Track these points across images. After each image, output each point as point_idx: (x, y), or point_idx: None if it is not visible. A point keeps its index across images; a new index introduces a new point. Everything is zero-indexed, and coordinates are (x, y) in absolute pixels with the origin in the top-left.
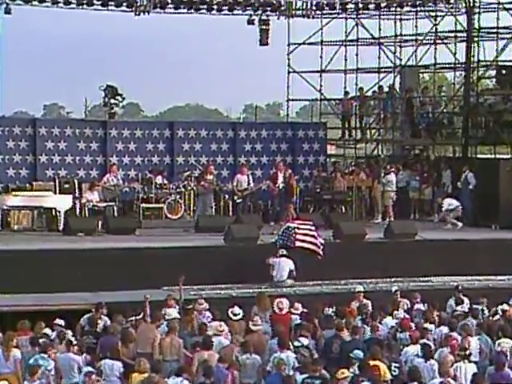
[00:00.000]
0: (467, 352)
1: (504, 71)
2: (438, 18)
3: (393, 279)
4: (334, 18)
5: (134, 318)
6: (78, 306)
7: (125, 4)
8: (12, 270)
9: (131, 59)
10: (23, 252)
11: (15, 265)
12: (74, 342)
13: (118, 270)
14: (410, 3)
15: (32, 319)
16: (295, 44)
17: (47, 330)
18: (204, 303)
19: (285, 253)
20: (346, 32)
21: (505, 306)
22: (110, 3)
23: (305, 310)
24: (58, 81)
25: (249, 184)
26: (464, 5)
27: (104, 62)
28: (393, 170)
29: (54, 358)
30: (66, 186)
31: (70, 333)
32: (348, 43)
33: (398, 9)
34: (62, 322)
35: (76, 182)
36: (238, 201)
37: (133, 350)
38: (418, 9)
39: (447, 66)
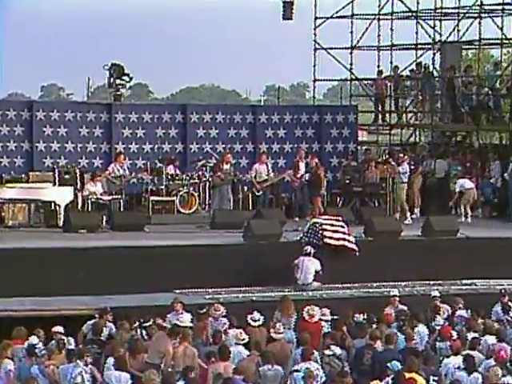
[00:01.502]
0: None
1: None
2: None
3: (432, 282)
4: None
5: (150, 322)
6: (80, 311)
7: None
8: (6, 271)
9: (139, 36)
10: (18, 251)
11: (10, 265)
12: (76, 352)
13: (124, 271)
14: None
15: (29, 326)
16: (322, 18)
17: (33, 338)
18: (221, 309)
19: (310, 251)
20: (379, 4)
21: None
22: None
23: (334, 317)
24: (58, 59)
25: (268, 174)
26: None
27: (109, 39)
28: (406, 159)
29: (52, 370)
30: (67, 176)
31: (72, 341)
32: (382, 17)
33: None
34: (61, 329)
35: (77, 172)
36: (258, 194)
37: (142, 360)
38: None
39: (493, 41)
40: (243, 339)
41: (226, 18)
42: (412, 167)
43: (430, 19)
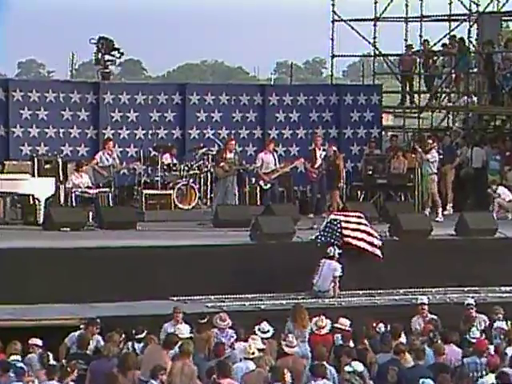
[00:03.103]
0: None
1: None
2: None
3: (466, 289)
4: None
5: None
6: (63, 321)
7: None
8: None
9: (130, 5)
10: None
11: None
12: (58, 368)
13: (113, 275)
14: None
15: (4, 338)
16: None
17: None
18: (227, 319)
19: (334, 254)
20: None
21: None
22: None
23: (348, 329)
24: (37, 32)
25: (275, 164)
26: None
27: (96, 8)
28: (434, 145)
29: None
30: (47, 166)
31: (51, 356)
32: None
33: None
34: (39, 342)
35: (60, 161)
36: (266, 186)
37: (134, 378)
38: None
39: None
40: (253, 353)
41: None
42: (441, 156)
43: None
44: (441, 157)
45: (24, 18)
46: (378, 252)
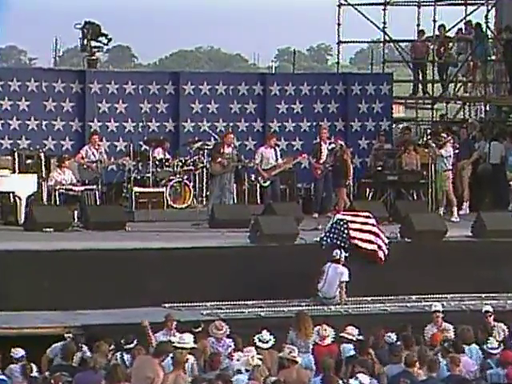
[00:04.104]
0: None
1: None
2: None
3: (484, 295)
4: None
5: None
6: (47, 329)
7: None
8: None
9: None
10: None
11: None
12: (41, 381)
13: (100, 280)
14: None
15: None
16: None
17: None
18: (224, 327)
19: (340, 257)
20: None
21: None
22: None
23: (360, 338)
24: (18, 16)
25: (277, 160)
26: None
27: None
28: (449, 139)
29: None
30: (29, 161)
31: (34, 368)
32: None
33: None
34: (21, 353)
35: (42, 156)
36: (265, 184)
37: None
38: None
39: None
40: (257, 365)
41: None
42: (456, 151)
43: None
44: (456, 152)
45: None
46: (382, 255)
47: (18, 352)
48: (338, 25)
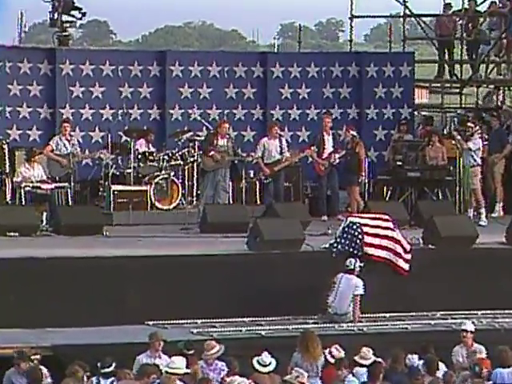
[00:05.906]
0: None
1: None
2: None
3: None
4: None
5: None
6: (11, 349)
7: None
8: None
9: None
10: None
11: None
12: None
13: (74, 293)
14: None
15: None
16: None
17: None
18: (216, 347)
19: (354, 267)
20: None
21: None
22: None
23: (378, 360)
24: None
25: (282, 153)
26: None
27: None
28: (477, 130)
29: None
30: None
31: None
32: None
33: None
34: None
35: (6, 148)
36: (267, 181)
37: None
38: None
39: None
40: None
41: None
42: (487, 143)
43: None
44: (486, 143)
45: None
46: (404, 264)
47: None
48: None
